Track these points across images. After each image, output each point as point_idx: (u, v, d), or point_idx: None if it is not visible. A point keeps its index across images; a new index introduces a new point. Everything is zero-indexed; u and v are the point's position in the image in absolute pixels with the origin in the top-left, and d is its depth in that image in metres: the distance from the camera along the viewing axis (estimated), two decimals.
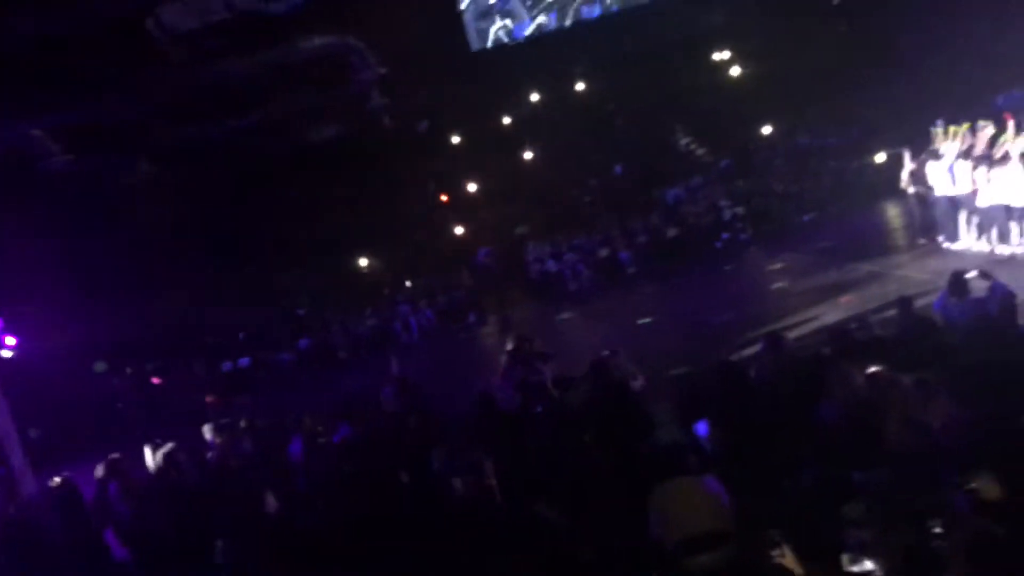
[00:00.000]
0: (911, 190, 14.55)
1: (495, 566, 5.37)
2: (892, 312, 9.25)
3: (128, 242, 24.33)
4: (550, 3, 24.96)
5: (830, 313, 11.92)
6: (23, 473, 12.59)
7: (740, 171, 22.94)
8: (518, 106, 27.84)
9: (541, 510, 5.57)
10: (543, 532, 5.53)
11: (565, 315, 18.02)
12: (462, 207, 25.21)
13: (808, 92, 24.24)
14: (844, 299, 12.66)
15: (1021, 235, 12.31)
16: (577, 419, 7.55)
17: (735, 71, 26.16)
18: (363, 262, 23.22)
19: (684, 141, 25.61)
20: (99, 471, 9.07)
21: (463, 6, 23.91)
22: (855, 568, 4.09)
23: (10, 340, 19.69)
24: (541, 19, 25.19)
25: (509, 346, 9.89)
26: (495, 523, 5.75)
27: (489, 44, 25.32)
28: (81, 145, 19.31)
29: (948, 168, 13.41)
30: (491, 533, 5.60)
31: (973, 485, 4.26)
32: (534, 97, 27.64)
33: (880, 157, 19.61)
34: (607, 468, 7.05)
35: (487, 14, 24.91)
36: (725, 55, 26.14)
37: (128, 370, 19.64)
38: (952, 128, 13.54)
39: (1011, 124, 12.48)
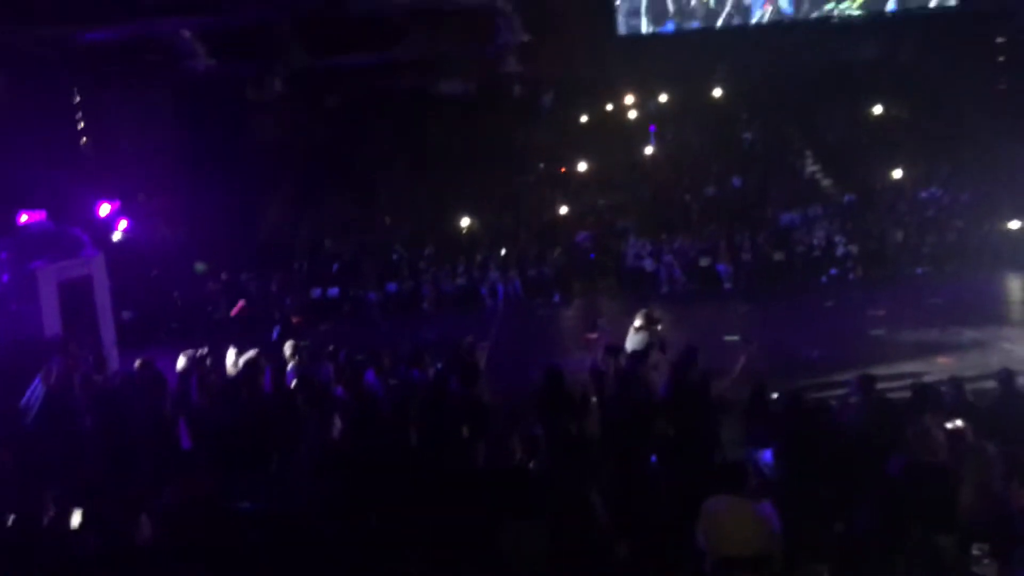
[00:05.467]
0: None
1: (523, 536, 5.41)
2: (990, 384, 8.86)
3: (247, 153, 25.20)
4: (697, 12, 24.36)
5: (924, 371, 11.50)
6: (110, 349, 13.32)
7: (862, 210, 22.24)
8: (649, 99, 27.60)
9: (588, 494, 5.58)
10: (584, 516, 5.53)
11: None
12: (571, 188, 25.19)
13: (949, 144, 23.41)
14: (942, 360, 12.20)
15: None
16: (650, 412, 7.52)
17: (877, 109, 25.37)
18: (464, 221, 23.44)
19: (811, 168, 24.95)
20: (182, 362, 9.48)
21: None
22: None
23: (122, 224, 20.69)
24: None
25: (637, 322, 9.97)
26: (535, 494, 5.76)
27: (636, 32, 24.97)
28: (224, 53, 19.98)
29: None
30: (529, 504, 5.62)
31: None
32: (666, 94, 27.32)
33: (1015, 224, 18.77)
34: (667, 470, 7.02)
35: (637, 13, 24.48)
36: (870, 91, 25.32)
37: (223, 276, 20.32)
38: None
39: None
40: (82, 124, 21.76)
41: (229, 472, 7.13)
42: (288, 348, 9.63)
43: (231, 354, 9.57)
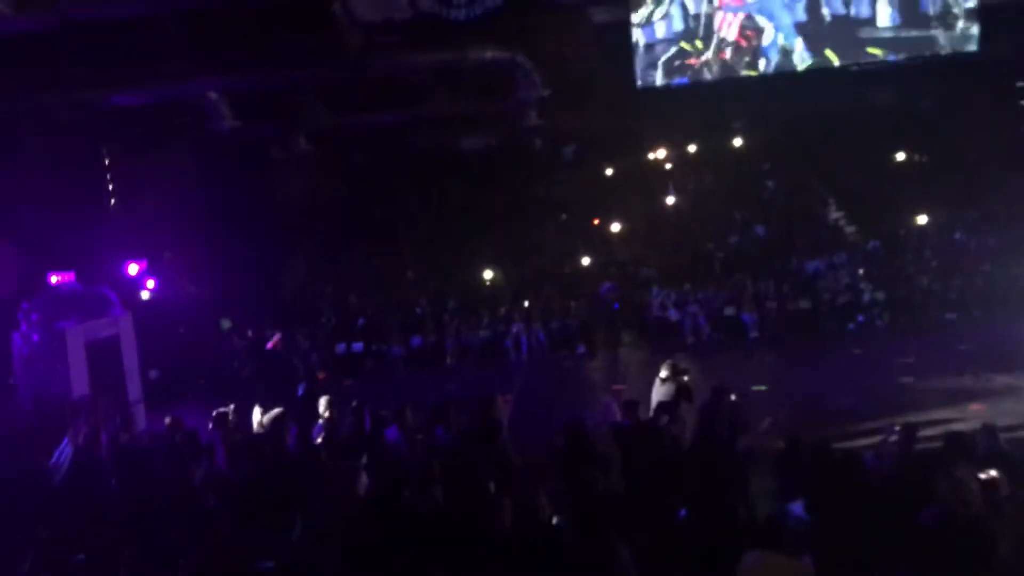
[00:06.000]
0: None
1: None
2: None
3: (271, 212, 25.57)
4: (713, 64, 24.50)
5: (956, 419, 11.29)
6: (137, 408, 13.44)
7: (887, 256, 22.09)
8: (669, 150, 27.79)
9: (615, 546, 5.47)
10: (613, 573, 5.42)
11: None
12: (593, 239, 25.27)
13: (973, 188, 23.30)
14: (974, 407, 12.00)
15: None
16: (676, 465, 7.42)
17: (899, 155, 25.36)
18: (487, 274, 23.53)
19: (834, 216, 24.90)
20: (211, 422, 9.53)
21: (635, 43, 23.94)
22: None
23: (149, 283, 20.97)
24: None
25: (663, 374, 9.89)
26: (563, 551, 5.68)
27: (654, 85, 25.16)
28: (249, 113, 20.39)
29: None
30: (558, 561, 5.54)
31: None
32: (687, 144, 27.49)
33: None
34: (697, 525, 6.90)
35: (654, 65, 24.70)
36: (891, 136, 25.35)
37: (249, 332, 20.45)
38: None
39: None
40: (111, 186, 22.22)
41: (252, 530, 7.10)
42: (323, 404, 9.56)
43: (256, 412, 9.60)
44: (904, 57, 21.43)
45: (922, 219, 23.00)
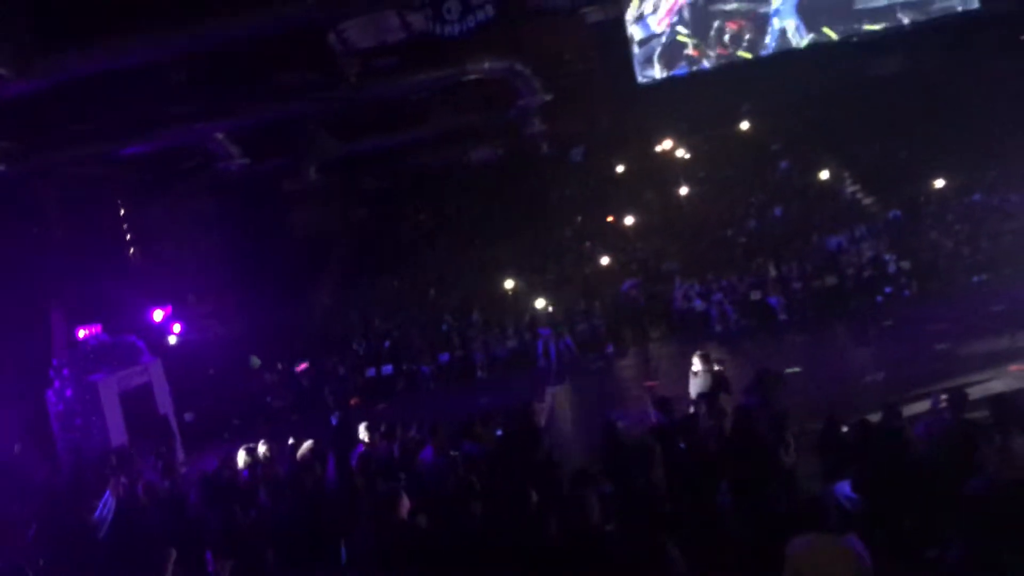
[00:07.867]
0: None
1: None
2: None
3: (289, 244, 25.72)
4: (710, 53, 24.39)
5: (996, 382, 11.12)
6: (176, 452, 13.54)
7: (909, 224, 21.82)
8: (678, 141, 27.70)
9: (664, 546, 5.41)
10: (663, 571, 5.36)
11: None
12: (611, 238, 25.20)
13: (988, 146, 23.01)
14: (1014, 368, 11.80)
15: None
16: (714, 461, 7.34)
17: (909, 121, 25.09)
18: (509, 283, 23.50)
19: (850, 189, 24.65)
20: (242, 457, 9.57)
21: (631, 39, 23.91)
22: None
23: (176, 327, 21.14)
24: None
25: (695, 366, 9.85)
26: (612, 553, 5.63)
27: (653, 78, 25.12)
28: (257, 150, 20.55)
29: None
30: (608, 563, 5.49)
31: None
32: (695, 133, 27.39)
33: None
34: (741, 516, 6.82)
35: (651, 61, 24.66)
36: (900, 104, 25.10)
37: (279, 366, 20.56)
38: None
39: None
40: (129, 235, 22.48)
41: (299, 564, 7.10)
42: (362, 430, 9.55)
43: (290, 444, 9.63)
44: (906, 23, 21.28)
45: (940, 183, 22.69)
